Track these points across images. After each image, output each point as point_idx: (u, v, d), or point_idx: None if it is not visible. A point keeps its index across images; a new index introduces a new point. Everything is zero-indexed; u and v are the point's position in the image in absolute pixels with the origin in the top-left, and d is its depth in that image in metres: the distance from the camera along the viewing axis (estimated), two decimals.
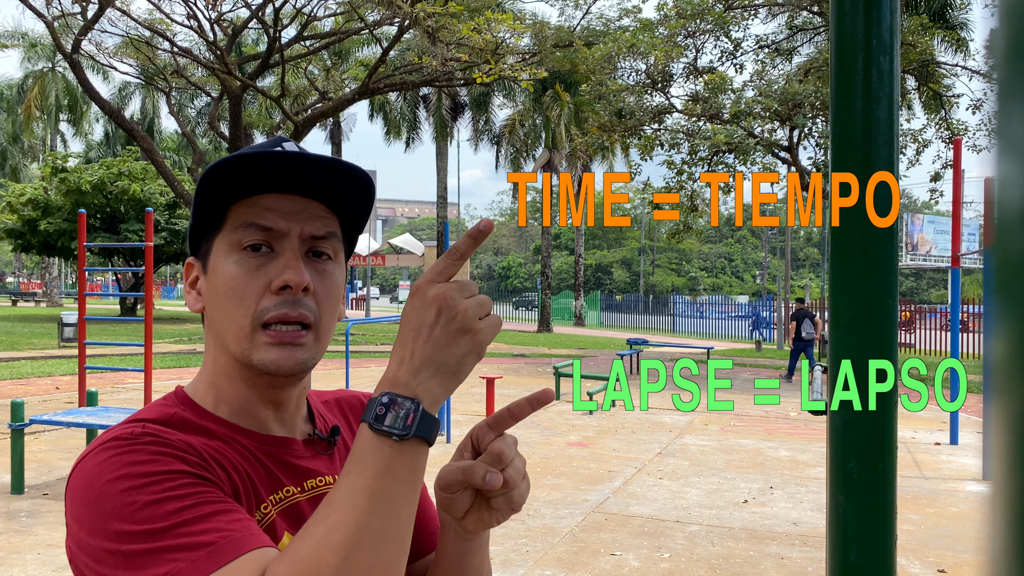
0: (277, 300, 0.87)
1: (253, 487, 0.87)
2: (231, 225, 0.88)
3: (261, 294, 0.87)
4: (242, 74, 20.99)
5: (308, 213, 0.90)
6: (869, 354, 0.80)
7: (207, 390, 0.92)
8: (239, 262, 0.88)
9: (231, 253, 0.88)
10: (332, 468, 0.97)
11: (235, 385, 0.91)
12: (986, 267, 10.71)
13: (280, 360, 0.87)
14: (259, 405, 0.92)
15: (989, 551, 0.26)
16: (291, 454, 0.94)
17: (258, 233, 0.87)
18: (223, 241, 0.89)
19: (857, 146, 0.80)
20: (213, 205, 0.89)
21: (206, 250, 0.91)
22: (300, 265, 0.87)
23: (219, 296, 0.88)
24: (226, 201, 0.89)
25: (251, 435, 0.91)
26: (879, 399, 0.80)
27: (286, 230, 0.88)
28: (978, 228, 31.04)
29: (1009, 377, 0.25)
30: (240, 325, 0.87)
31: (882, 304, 0.79)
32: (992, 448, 0.26)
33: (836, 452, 0.81)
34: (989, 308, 0.35)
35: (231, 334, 0.88)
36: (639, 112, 16.40)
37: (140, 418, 0.86)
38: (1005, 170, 0.25)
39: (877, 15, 0.79)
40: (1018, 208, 0.25)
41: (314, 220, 0.90)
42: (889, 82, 0.79)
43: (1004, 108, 0.26)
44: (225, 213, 0.89)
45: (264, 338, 0.86)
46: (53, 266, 44.27)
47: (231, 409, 0.91)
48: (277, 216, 0.88)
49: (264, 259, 0.88)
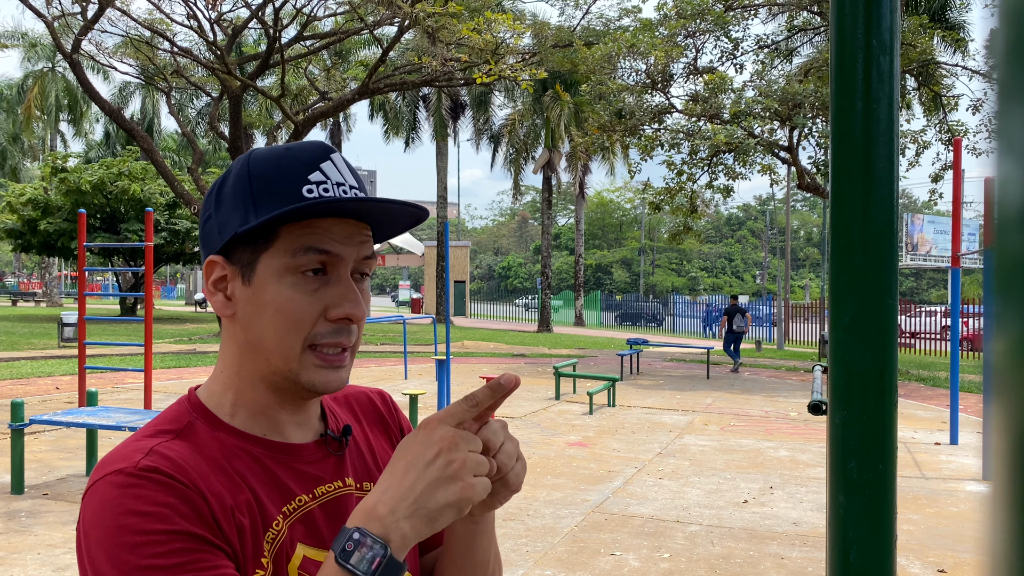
0: (332, 328, 0.88)
1: (261, 509, 0.88)
2: (286, 247, 0.87)
3: (316, 319, 0.88)
4: (242, 74, 21.00)
5: (360, 236, 0.91)
6: (869, 354, 0.80)
7: (224, 394, 0.92)
8: (294, 286, 0.87)
9: (285, 275, 0.87)
10: (341, 472, 0.98)
11: (259, 391, 0.92)
12: (986, 267, 10.72)
13: (328, 381, 0.90)
14: (279, 410, 0.93)
15: (989, 551, 0.26)
16: (302, 460, 0.94)
17: (318, 257, 0.87)
18: (275, 261, 0.87)
19: (857, 146, 0.80)
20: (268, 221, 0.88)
21: (249, 261, 0.88)
22: (359, 297, 0.90)
23: (267, 314, 0.88)
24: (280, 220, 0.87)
25: (262, 443, 0.91)
26: (879, 399, 0.80)
27: (344, 256, 0.89)
28: (978, 228, 31.04)
29: (1009, 377, 0.25)
30: (290, 345, 0.88)
31: (882, 304, 0.79)
32: (992, 448, 0.26)
33: (836, 452, 0.81)
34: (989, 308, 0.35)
35: (278, 352, 0.88)
36: (639, 112, 16.39)
37: (154, 433, 0.87)
38: (1005, 170, 0.25)
39: (877, 15, 0.79)
40: (1018, 208, 0.25)
41: (364, 244, 0.92)
42: (889, 82, 0.79)
43: (1004, 108, 0.26)
44: (276, 231, 0.87)
45: (314, 360, 0.88)
46: (53, 266, 44.28)
47: (249, 412, 0.92)
48: (336, 242, 0.88)
49: (319, 283, 0.88)
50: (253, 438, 0.91)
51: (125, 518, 0.77)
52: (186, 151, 41.72)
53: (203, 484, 0.82)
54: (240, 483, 0.87)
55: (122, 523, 0.77)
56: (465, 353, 19.69)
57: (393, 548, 0.76)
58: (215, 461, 0.86)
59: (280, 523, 0.89)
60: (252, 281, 0.88)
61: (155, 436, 0.86)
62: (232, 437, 0.90)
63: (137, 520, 0.77)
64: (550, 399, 11.84)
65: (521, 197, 38.96)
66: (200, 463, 0.84)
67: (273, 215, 0.84)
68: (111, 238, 27.54)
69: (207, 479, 0.83)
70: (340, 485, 0.96)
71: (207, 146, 38.83)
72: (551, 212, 35.03)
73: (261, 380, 0.91)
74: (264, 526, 0.87)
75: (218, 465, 0.86)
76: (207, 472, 0.84)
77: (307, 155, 0.89)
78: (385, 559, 0.75)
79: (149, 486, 0.79)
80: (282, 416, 0.93)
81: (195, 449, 0.86)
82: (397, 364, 15.91)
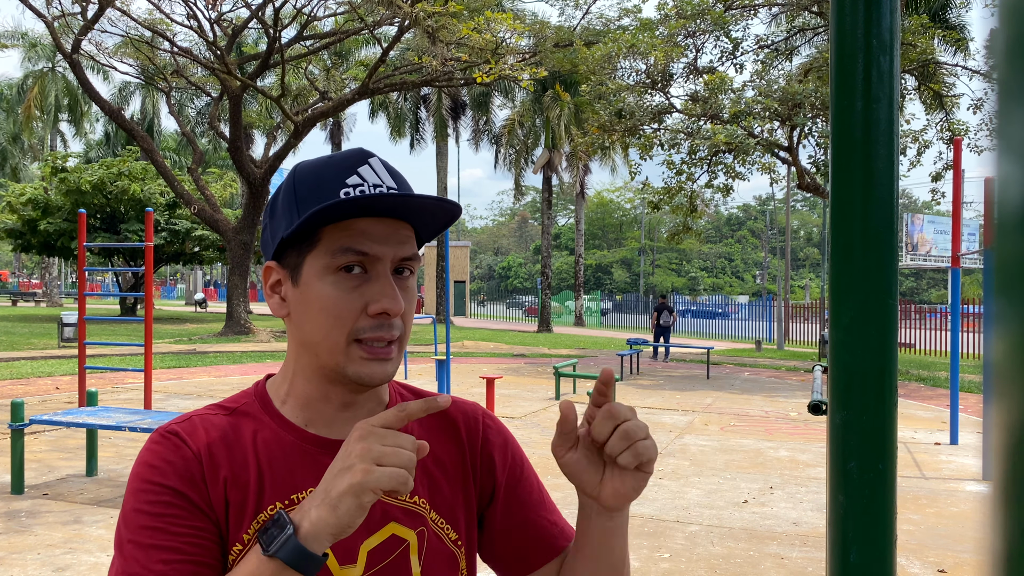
0: (373, 323, 0.93)
1: (261, 489, 0.93)
2: (326, 248, 0.92)
3: (358, 315, 0.92)
4: (242, 74, 20.98)
5: (399, 236, 0.95)
6: (869, 354, 0.80)
7: (282, 383, 1.00)
8: (335, 284, 0.92)
9: (326, 274, 0.93)
10: None
11: (312, 383, 0.97)
12: (986, 267, 10.72)
13: (374, 374, 0.93)
14: (327, 404, 0.98)
15: (989, 551, 0.26)
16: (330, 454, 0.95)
17: (355, 257, 0.92)
18: (318, 262, 0.93)
19: (857, 146, 0.80)
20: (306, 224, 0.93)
21: (296, 264, 0.95)
22: (397, 293, 0.93)
23: (313, 311, 0.93)
24: (319, 222, 0.92)
25: (299, 432, 0.97)
26: (879, 399, 0.80)
27: (381, 255, 0.93)
28: (978, 228, 31.05)
29: (1009, 377, 0.25)
30: (336, 341, 0.93)
31: (882, 304, 0.79)
32: (992, 448, 0.26)
33: (836, 452, 0.81)
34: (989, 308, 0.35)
35: (325, 347, 0.93)
36: (639, 112, 16.39)
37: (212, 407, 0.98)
38: (1005, 170, 0.25)
39: (877, 15, 0.79)
40: (1018, 208, 0.25)
41: (404, 244, 0.95)
42: (889, 82, 0.79)
43: (1004, 108, 0.26)
44: (317, 233, 0.93)
45: (360, 353, 0.93)
46: (53, 266, 44.29)
47: (297, 403, 0.98)
48: (372, 242, 0.93)
49: (359, 280, 0.93)
50: (292, 426, 0.97)
51: (140, 467, 0.91)
52: (186, 151, 41.72)
53: (208, 453, 0.91)
54: (251, 463, 0.93)
55: (137, 471, 0.91)
56: (465, 353, 19.69)
57: (300, 533, 0.81)
58: (241, 440, 0.94)
59: (276, 508, 0.92)
60: (299, 282, 0.95)
61: (210, 408, 0.98)
62: (275, 423, 0.97)
63: (145, 470, 0.90)
64: (550, 399, 11.84)
65: (521, 197, 38.96)
66: (218, 438, 0.93)
67: (306, 215, 0.89)
68: (111, 238, 27.54)
69: (217, 450, 0.92)
70: None
71: (207, 146, 38.81)
72: (551, 212, 35.04)
73: (315, 374, 0.96)
74: (258, 507, 0.92)
75: (242, 443, 0.94)
76: (223, 446, 0.93)
77: (346, 161, 0.95)
78: (287, 541, 0.80)
79: (166, 445, 0.91)
80: (328, 410, 0.98)
81: (230, 426, 0.95)
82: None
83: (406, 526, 0.98)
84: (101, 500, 5.91)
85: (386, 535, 0.96)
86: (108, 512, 5.58)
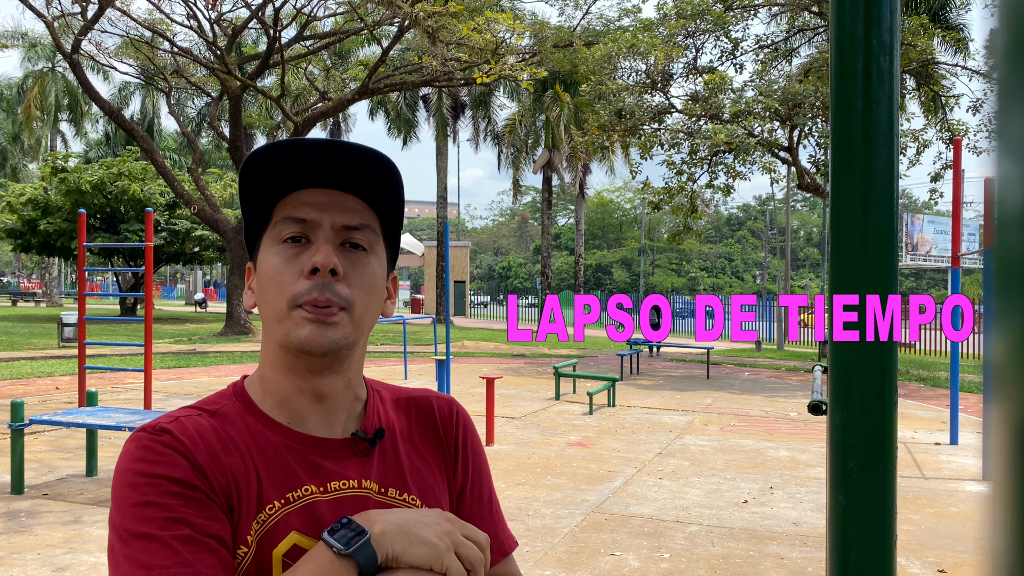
0: (309, 284, 0.92)
1: (260, 488, 0.92)
2: (274, 224, 0.96)
3: (296, 279, 0.92)
4: (242, 74, 20.99)
5: (342, 206, 0.96)
6: (869, 354, 0.80)
7: (259, 382, 0.99)
8: (279, 252, 0.94)
9: (273, 246, 0.95)
10: (365, 472, 0.98)
11: (280, 375, 0.96)
12: (986, 267, 10.71)
13: (312, 336, 0.91)
14: (300, 397, 0.97)
15: (989, 551, 0.26)
16: (321, 453, 0.96)
17: (295, 225, 0.94)
18: (268, 238, 0.96)
19: (857, 146, 0.80)
20: (259, 206, 0.97)
21: (257, 248, 0.98)
22: (329, 249, 0.93)
23: (263, 286, 0.95)
24: (270, 201, 0.96)
25: (284, 431, 0.96)
26: (879, 399, 0.80)
27: (319, 220, 0.94)
28: (978, 228, 31.05)
29: (1009, 377, 0.25)
30: (278, 308, 0.93)
31: (882, 304, 0.79)
32: (992, 448, 0.26)
33: (836, 452, 0.81)
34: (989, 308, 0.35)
35: (273, 318, 0.94)
36: (639, 112, 16.39)
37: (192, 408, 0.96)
38: (1005, 170, 0.25)
39: (877, 15, 0.79)
40: (1018, 208, 0.25)
41: (347, 212, 0.96)
42: (889, 82, 0.79)
43: (1004, 108, 0.26)
44: (271, 213, 0.97)
45: (300, 315, 0.92)
46: (53, 266, 44.28)
47: (275, 401, 0.97)
48: (311, 208, 0.94)
49: (301, 249, 0.94)
50: (277, 425, 0.96)
51: (131, 464, 0.88)
52: (186, 151, 41.71)
53: (201, 455, 0.90)
54: (246, 463, 0.92)
55: (127, 467, 0.88)
56: (465, 353, 19.69)
57: (372, 537, 0.83)
58: (229, 440, 0.93)
59: (276, 507, 0.92)
60: (257, 264, 0.97)
61: (190, 410, 0.96)
62: (259, 422, 0.96)
63: (140, 465, 0.88)
64: (550, 399, 11.84)
65: (521, 197, 38.95)
66: (212, 438, 0.92)
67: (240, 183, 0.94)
68: (111, 238, 27.53)
69: (211, 452, 0.91)
70: (356, 485, 0.97)
71: (207, 146, 38.81)
72: (551, 212, 35.03)
73: (279, 361, 0.96)
74: (258, 507, 0.91)
75: (230, 444, 0.93)
76: (216, 447, 0.91)
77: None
78: (362, 540, 0.82)
79: (156, 443, 0.89)
80: (304, 405, 0.97)
81: (216, 427, 0.94)
82: (397, 364, 15.91)
83: None
84: (101, 500, 5.91)
85: None
86: (108, 512, 5.58)
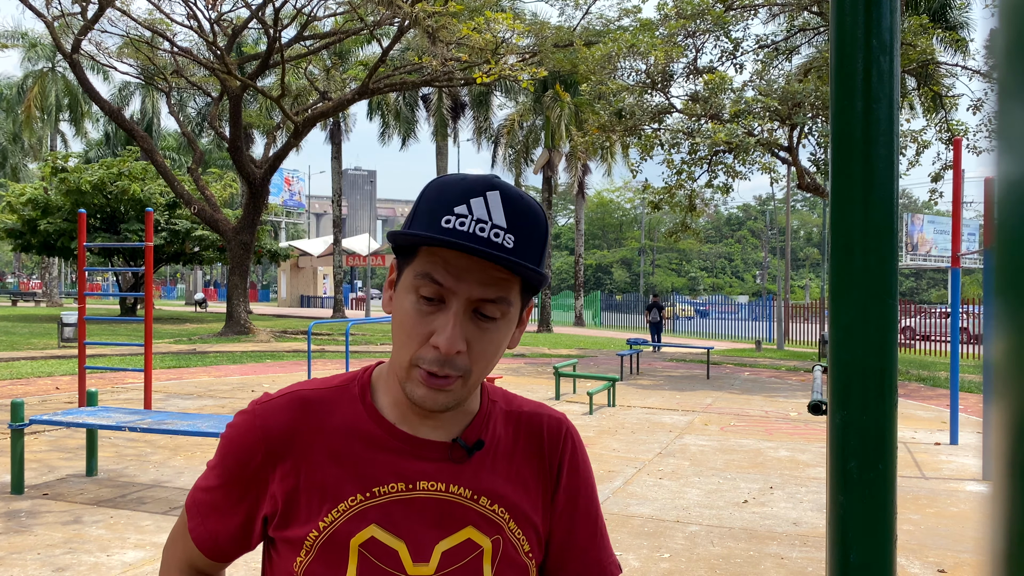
0: (432, 355, 0.92)
1: (339, 478, 0.96)
2: (416, 266, 0.93)
3: (423, 341, 0.92)
4: (242, 74, 20.99)
5: (484, 275, 0.91)
6: (869, 354, 0.80)
7: (384, 379, 1.03)
8: (414, 305, 0.93)
9: (410, 292, 0.93)
10: (456, 477, 0.99)
11: (400, 388, 0.99)
12: (986, 267, 10.71)
13: (425, 399, 0.93)
14: (412, 408, 0.99)
15: (989, 551, 0.26)
16: (416, 453, 0.98)
17: (431, 286, 0.91)
18: (409, 276, 0.94)
19: (857, 146, 0.80)
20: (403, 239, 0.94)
21: (400, 269, 0.97)
22: (457, 332, 0.91)
23: (396, 321, 0.96)
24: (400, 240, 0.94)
25: (387, 427, 0.99)
26: (879, 399, 0.80)
27: (455, 290, 0.91)
28: (978, 228, 31.06)
29: (1009, 377, 0.25)
30: (403, 357, 0.94)
31: (882, 304, 0.79)
32: (992, 448, 0.26)
33: (836, 452, 0.81)
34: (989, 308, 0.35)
35: (396, 359, 0.96)
36: (639, 112, 16.39)
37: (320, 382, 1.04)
38: (1005, 170, 0.25)
39: (877, 15, 0.79)
40: (1018, 208, 0.25)
41: (486, 285, 0.91)
42: (889, 82, 0.79)
43: (1004, 108, 0.26)
44: (416, 249, 0.94)
45: (417, 375, 0.93)
46: (53, 266, 44.29)
47: (389, 401, 1.01)
48: (449, 275, 0.91)
49: (434, 309, 0.92)
50: (383, 421, 1.00)
51: (228, 431, 1.02)
52: (186, 151, 41.71)
53: (281, 432, 0.98)
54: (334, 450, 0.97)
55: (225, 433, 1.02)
56: None
57: None
58: (325, 425, 0.99)
59: (357, 499, 0.96)
60: (397, 288, 0.97)
61: (315, 383, 1.04)
62: (367, 413, 1.00)
63: (228, 436, 1.01)
64: (550, 399, 11.84)
65: None
66: (306, 418, 0.99)
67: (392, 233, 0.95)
68: (111, 238, 27.54)
69: (292, 432, 0.98)
70: (443, 488, 0.98)
71: (207, 146, 38.81)
72: (551, 212, 35.03)
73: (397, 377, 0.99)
74: (337, 496, 0.96)
75: (325, 428, 0.98)
76: (303, 428, 0.98)
77: (465, 186, 0.91)
78: None
79: (244, 420, 1.00)
80: (413, 417, 1.00)
81: (325, 407, 1.00)
82: None
83: (483, 532, 0.98)
84: (101, 500, 5.91)
85: (462, 538, 0.97)
86: (108, 512, 5.58)
